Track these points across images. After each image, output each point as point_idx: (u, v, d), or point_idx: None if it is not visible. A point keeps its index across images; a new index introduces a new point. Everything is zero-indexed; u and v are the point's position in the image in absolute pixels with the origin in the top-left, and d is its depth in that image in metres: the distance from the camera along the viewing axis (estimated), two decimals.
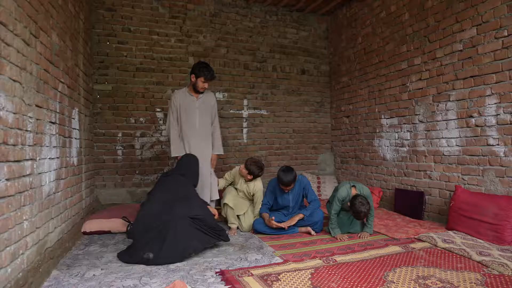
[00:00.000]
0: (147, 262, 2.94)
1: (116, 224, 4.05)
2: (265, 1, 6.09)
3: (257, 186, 4.28)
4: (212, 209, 3.68)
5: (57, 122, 3.14)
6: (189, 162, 3.84)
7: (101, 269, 2.88)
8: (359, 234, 3.79)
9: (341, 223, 3.91)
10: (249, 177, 4.18)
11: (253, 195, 4.31)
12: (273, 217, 3.90)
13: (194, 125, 4.14)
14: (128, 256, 3.08)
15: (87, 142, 4.56)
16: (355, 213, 3.58)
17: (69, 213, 3.50)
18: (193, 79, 4.04)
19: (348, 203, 3.69)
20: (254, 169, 4.14)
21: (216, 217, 3.61)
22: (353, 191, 3.80)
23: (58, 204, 3.12)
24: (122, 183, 5.32)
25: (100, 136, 5.25)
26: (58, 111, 3.16)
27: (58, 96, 3.17)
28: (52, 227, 2.92)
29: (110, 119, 5.30)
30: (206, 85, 4.09)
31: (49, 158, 2.89)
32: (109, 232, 4.08)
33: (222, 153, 4.44)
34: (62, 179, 3.26)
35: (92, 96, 5.07)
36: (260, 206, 4.18)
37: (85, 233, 4.01)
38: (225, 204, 4.20)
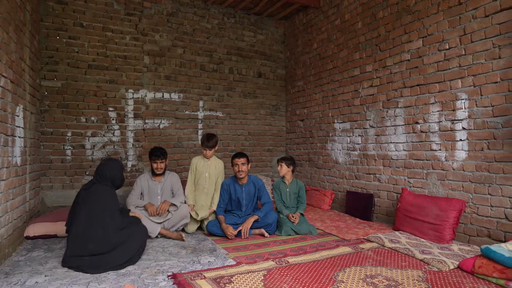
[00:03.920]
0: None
1: (63, 227, 3.83)
2: (223, 2, 6.09)
3: (220, 166, 4.50)
4: (137, 215, 3.63)
5: None
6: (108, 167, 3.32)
7: (45, 276, 2.74)
8: (294, 214, 4.19)
9: (284, 221, 4.13)
10: (209, 153, 4.36)
11: (217, 179, 4.43)
12: (231, 227, 3.91)
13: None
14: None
15: (33, 141, 4.31)
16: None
17: (10, 217, 3.29)
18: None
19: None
20: (202, 140, 4.38)
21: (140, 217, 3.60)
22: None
23: None
24: (71, 185, 5.08)
25: (48, 135, 4.98)
26: None
27: None
28: None
29: (59, 117, 5.04)
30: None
31: None
32: (55, 236, 3.89)
33: (177, 206, 4.07)
34: (2, 180, 3.06)
35: (40, 92, 4.80)
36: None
37: (28, 237, 3.79)
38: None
